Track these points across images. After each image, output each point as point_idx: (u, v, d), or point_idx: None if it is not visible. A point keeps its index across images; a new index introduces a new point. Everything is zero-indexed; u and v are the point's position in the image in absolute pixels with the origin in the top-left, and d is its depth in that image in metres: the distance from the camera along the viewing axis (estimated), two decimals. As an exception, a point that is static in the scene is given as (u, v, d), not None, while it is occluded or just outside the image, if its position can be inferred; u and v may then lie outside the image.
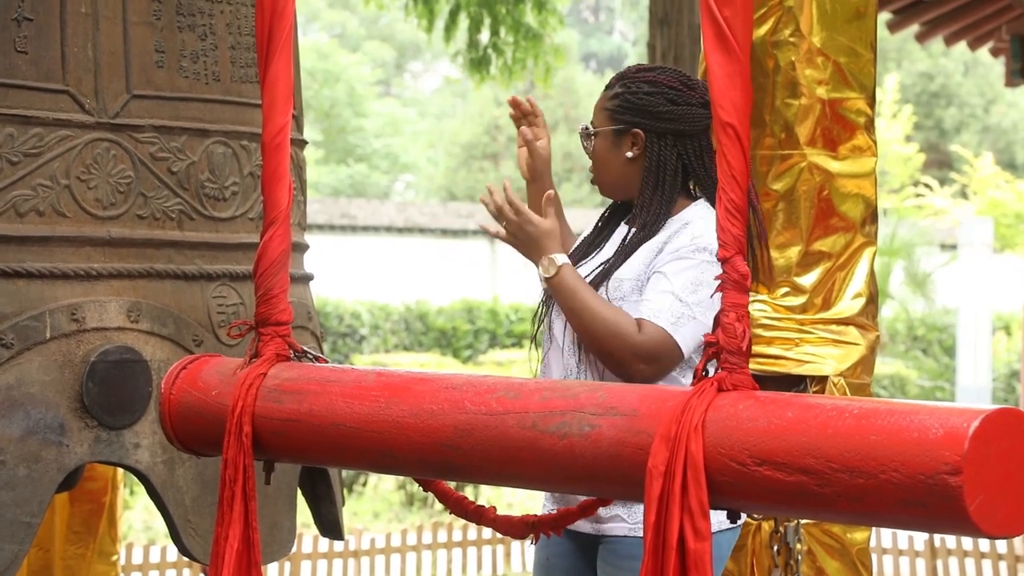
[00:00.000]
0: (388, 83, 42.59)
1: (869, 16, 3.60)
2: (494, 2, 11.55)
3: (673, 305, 3.33)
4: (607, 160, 3.53)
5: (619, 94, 3.50)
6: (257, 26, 2.93)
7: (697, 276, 3.34)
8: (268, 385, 2.81)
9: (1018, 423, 2.03)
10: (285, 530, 3.71)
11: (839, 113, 3.56)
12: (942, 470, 1.97)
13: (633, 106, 3.48)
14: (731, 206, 2.38)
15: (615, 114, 3.50)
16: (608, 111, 3.52)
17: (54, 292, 3.38)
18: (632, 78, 3.51)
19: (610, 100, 3.52)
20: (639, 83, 3.49)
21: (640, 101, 3.47)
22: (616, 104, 3.51)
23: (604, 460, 2.35)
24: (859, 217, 3.61)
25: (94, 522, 4.79)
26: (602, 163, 3.55)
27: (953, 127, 36.89)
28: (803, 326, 3.57)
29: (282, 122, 2.91)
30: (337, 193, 33.70)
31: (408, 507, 12.51)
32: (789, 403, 2.19)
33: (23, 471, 3.29)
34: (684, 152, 3.47)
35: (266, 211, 2.92)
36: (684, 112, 3.45)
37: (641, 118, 3.47)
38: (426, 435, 2.57)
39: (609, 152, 3.53)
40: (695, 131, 3.46)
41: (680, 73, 3.53)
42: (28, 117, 3.38)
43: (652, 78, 3.49)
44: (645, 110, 3.47)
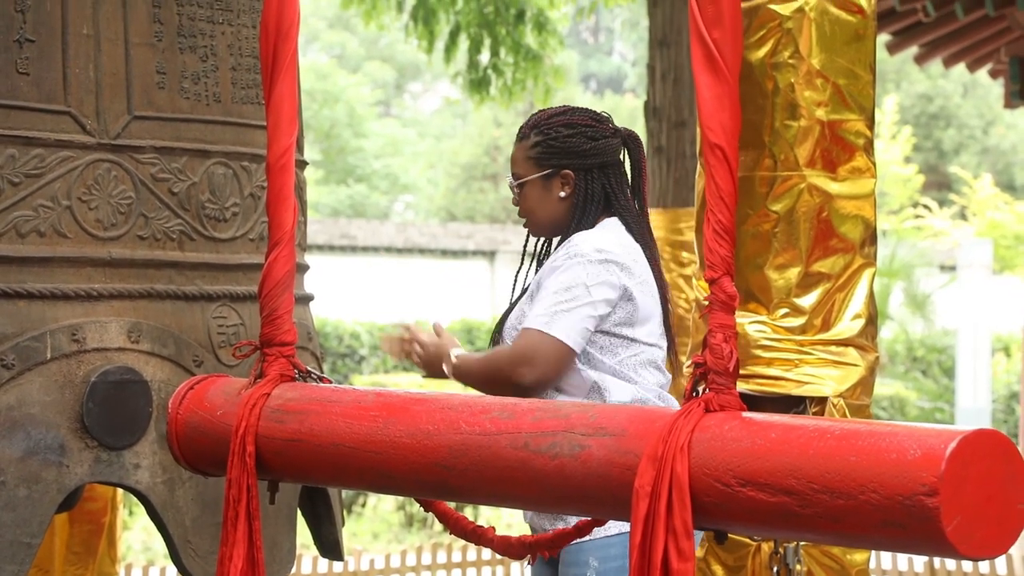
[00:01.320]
0: (388, 104, 42.61)
1: (868, 38, 3.61)
2: (494, 23, 11.57)
3: (546, 307, 3.54)
4: (541, 204, 3.73)
5: (540, 141, 3.71)
6: (261, 48, 2.95)
7: (568, 278, 3.56)
8: (271, 405, 2.82)
9: (996, 444, 2.03)
10: (285, 550, 3.71)
11: (838, 134, 3.57)
12: (919, 491, 1.98)
13: (557, 150, 3.71)
14: (719, 227, 2.39)
15: (541, 160, 3.71)
16: (533, 159, 3.72)
17: (55, 312, 3.38)
18: (548, 124, 3.73)
19: (532, 148, 3.72)
20: (556, 127, 3.72)
21: (563, 144, 3.70)
22: (539, 151, 3.71)
23: (593, 480, 2.36)
24: (858, 238, 3.61)
25: (94, 542, 4.79)
26: (536, 207, 3.73)
27: (952, 148, 36.89)
28: (802, 347, 3.57)
29: (287, 143, 2.92)
30: (337, 213, 33.70)
31: (407, 528, 12.49)
32: (773, 424, 2.20)
33: (23, 491, 3.29)
34: (607, 182, 3.73)
35: (271, 232, 2.93)
36: (603, 145, 3.73)
37: (567, 159, 3.71)
38: (422, 455, 2.58)
39: (541, 197, 3.73)
40: (613, 160, 3.74)
41: (587, 110, 3.79)
42: (30, 138, 3.39)
43: (567, 120, 3.73)
44: (570, 151, 3.71)
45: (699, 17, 2.42)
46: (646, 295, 3.66)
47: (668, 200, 8.61)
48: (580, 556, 3.57)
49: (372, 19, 11.82)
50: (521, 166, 3.74)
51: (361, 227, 26.82)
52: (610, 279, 3.58)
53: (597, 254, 3.59)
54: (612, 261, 3.59)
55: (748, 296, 3.56)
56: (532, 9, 11.70)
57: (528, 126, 3.76)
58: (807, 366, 3.56)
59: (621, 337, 3.62)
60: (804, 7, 3.54)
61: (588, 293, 3.54)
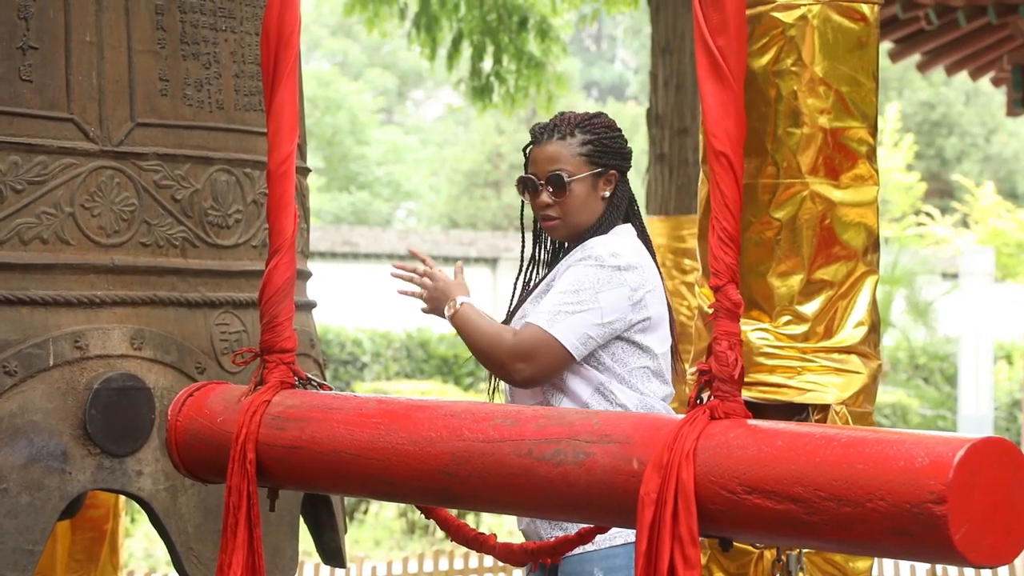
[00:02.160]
0: (390, 111, 42.63)
1: (871, 46, 3.60)
2: (497, 30, 11.58)
3: (552, 306, 3.56)
4: (585, 203, 3.73)
5: (591, 140, 3.73)
6: (263, 55, 2.95)
7: (579, 278, 3.59)
8: (272, 412, 2.82)
9: (1004, 452, 2.03)
10: (287, 557, 3.71)
11: (841, 142, 3.57)
12: (927, 499, 1.97)
13: (608, 149, 3.74)
14: (724, 235, 2.39)
15: (592, 158, 3.73)
16: (584, 156, 3.72)
17: (57, 320, 3.39)
18: (591, 124, 3.76)
19: (583, 146, 3.73)
20: (601, 128, 3.76)
21: (613, 144, 3.75)
22: (591, 149, 3.73)
23: (598, 487, 2.36)
24: (861, 246, 3.61)
25: (96, 550, 4.79)
26: (580, 206, 3.72)
27: (954, 156, 36.88)
28: (805, 354, 3.56)
29: (288, 150, 2.92)
30: (339, 221, 33.71)
31: (409, 535, 12.48)
32: (779, 432, 2.19)
33: (26, 499, 3.29)
34: (628, 187, 3.81)
35: (271, 239, 2.93)
36: (630, 151, 3.82)
37: (615, 160, 3.75)
38: (424, 462, 2.58)
39: (588, 196, 3.73)
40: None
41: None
42: (33, 145, 3.40)
43: (609, 123, 3.79)
44: (617, 152, 3.76)
45: (704, 24, 2.42)
46: (657, 301, 3.68)
47: (670, 207, 8.61)
48: (584, 566, 3.57)
49: (375, 26, 11.82)
50: (569, 163, 3.72)
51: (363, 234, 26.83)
52: (621, 287, 3.59)
53: (612, 259, 3.61)
54: (626, 268, 3.62)
55: (751, 304, 3.55)
56: (535, 16, 11.70)
57: (568, 124, 3.75)
58: (810, 373, 3.56)
59: (634, 344, 3.63)
60: (807, 15, 3.54)
61: (596, 299, 3.55)
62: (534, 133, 3.81)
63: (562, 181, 3.69)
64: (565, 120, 3.76)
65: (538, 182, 3.73)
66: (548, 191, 3.71)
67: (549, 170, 3.71)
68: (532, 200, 3.76)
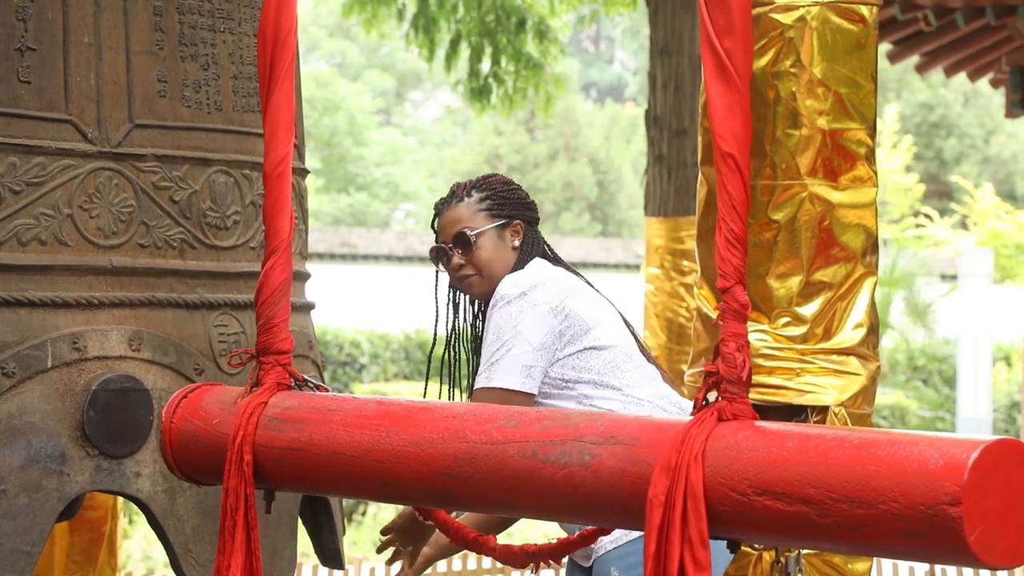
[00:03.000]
0: (388, 112, 42.62)
1: (869, 47, 3.60)
2: (495, 31, 11.57)
3: (484, 363, 3.69)
4: (496, 254, 3.84)
5: (488, 195, 3.86)
6: (259, 56, 2.95)
7: (495, 323, 3.68)
8: (269, 414, 2.81)
9: (1018, 454, 2.03)
10: (286, 559, 3.71)
11: (840, 143, 3.57)
12: (942, 500, 1.97)
13: (508, 200, 3.87)
14: (731, 236, 2.38)
15: (493, 211, 3.84)
16: (485, 211, 3.84)
17: (56, 321, 3.38)
18: (486, 183, 3.90)
19: (482, 202, 3.85)
20: (494, 185, 3.89)
21: (511, 196, 3.88)
22: (491, 203, 3.85)
23: (604, 489, 2.35)
24: (860, 247, 3.61)
25: (94, 551, 4.78)
26: (492, 258, 3.83)
27: (953, 158, 36.89)
28: (804, 356, 3.56)
29: (284, 151, 2.92)
30: (337, 222, 33.71)
31: (408, 537, 12.46)
32: (789, 433, 2.19)
33: (24, 500, 3.29)
34: (538, 236, 3.91)
35: (267, 240, 2.92)
36: (533, 203, 3.94)
37: (516, 210, 3.87)
38: (426, 464, 2.57)
39: (496, 247, 3.83)
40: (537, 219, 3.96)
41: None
42: (31, 146, 3.39)
43: (503, 179, 3.95)
44: (517, 202, 3.88)
45: (710, 26, 2.42)
46: (581, 301, 3.71)
47: (669, 209, 8.62)
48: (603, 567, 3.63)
49: (373, 27, 11.82)
50: (471, 220, 3.84)
51: (362, 235, 26.85)
52: (534, 308, 3.67)
53: (515, 288, 3.71)
54: (530, 289, 3.70)
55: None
56: (533, 17, 11.71)
57: (463, 188, 3.90)
58: (808, 375, 3.56)
59: (586, 349, 3.67)
60: (806, 16, 3.54)
61: (516, 332, 3.64)
62: (436, 207, 3.93)
63: (466, 238, 3.81)
64: (461, 186, 3.91)
65: (447, 247, 3.85)
66: (458, 252, 3.84)
67: (453, 232, 3.85)
68: (447, 268, 3.89)
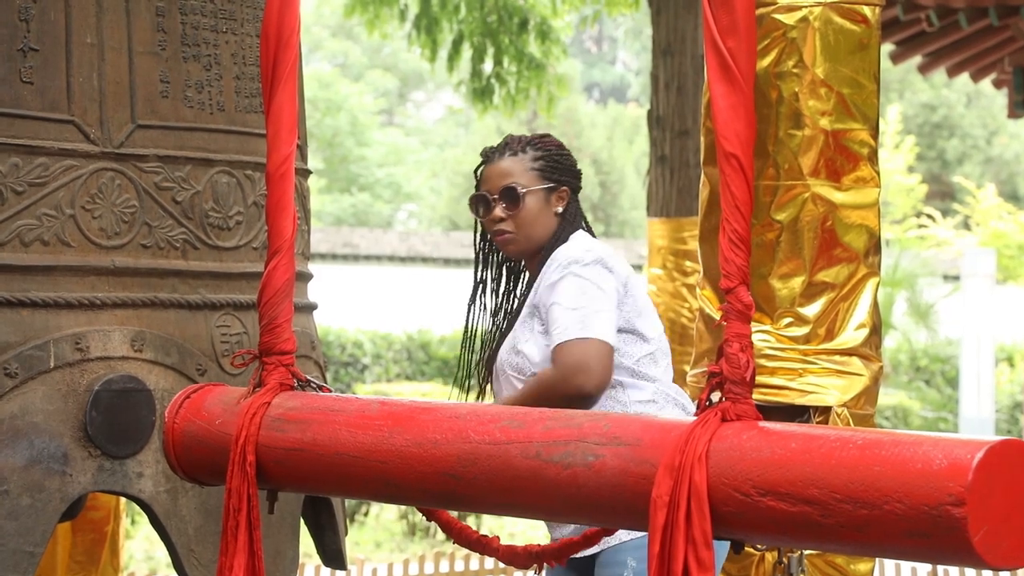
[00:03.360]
0: (391, 112, 42.64)
1: (872, 47, 3.60)
2: (497, 32, 11.57)
3: (571, 317, 3.55)
4: (538, 217, 3.78)
5: (542, 156, 3.79)
6: (262, 56, 2.95)
7: (576, 284, 3.60)
8: (272, 414, 2.81)
9: (1022, 454, 2.02)
10: (288, 559, 3.71)
11: (842, 144, 3.56)
12: (946, 501, 1.97)
13: (560, 166, 3.81)
14: (735, 236, 2.38)
15: (545, 173, 3.79)
16: (537, 171, 3.78)
17: (58, 321, 3.38)
18: (542, 143, 3.84)
19: (535, 162, 3.79)
20: (551, 147, 3.83)
21: (564, 161, 3.82)
22: (543, 165, 3.79)
23: (608, 490, 2.35)
24: (862, 248, 3.60)
25: (96, 552, 4.79)
26: (533, 220, 3.77)
27: (956, 158, 36.88)
28: (806, 356, 3.56)
29: (287, 152, 2.92)
30: (340, 222, 33.72)
31: (410, 537, 12.48)
32: (793, 433, 2.19)
33: (26, 500, 3.29)
34: (579, 206, 3.86)
35: (270, 240, 2.92)
36: (580, 172, 3.89)
37: (566, 176, 3.82)
38: (429, 464, 2.57)
39: (541, 210, 3.78)
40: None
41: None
42: (33, 147, 3.39)
43: (557, 142, 3.87)
44: (568, 169, 3.83)
45: (714, 26, 2.42)
46: (638, 286, 3.74)
47: (671, 209, 8.61)
48: (619, 556, 3.61)
49: (375, 28, 11.82)
50: (522, 177, 3.78)
51: (364, 236, 26.85)
52: (609, 276, 3.65)
53: (589, 254, 3.67)
54: (605, 257, 3.69)
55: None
56: (535, 18, 11.70)
57: (518, 143, 3.83)
58: (811, 376, 3.55)
59: (633, 333, 3.69)
60: (808, 16, 3.54)
61: (602, 291, 3.61)
62: (485, 154, 3.87)
63: (516, 193, 3.76)
64: (516, 139, 3.85)
65: (491, 197, 3.79)
66: (501, 205, 3.78)
67: (502, 184, 3.78)
68: (485, 217, 3.83)
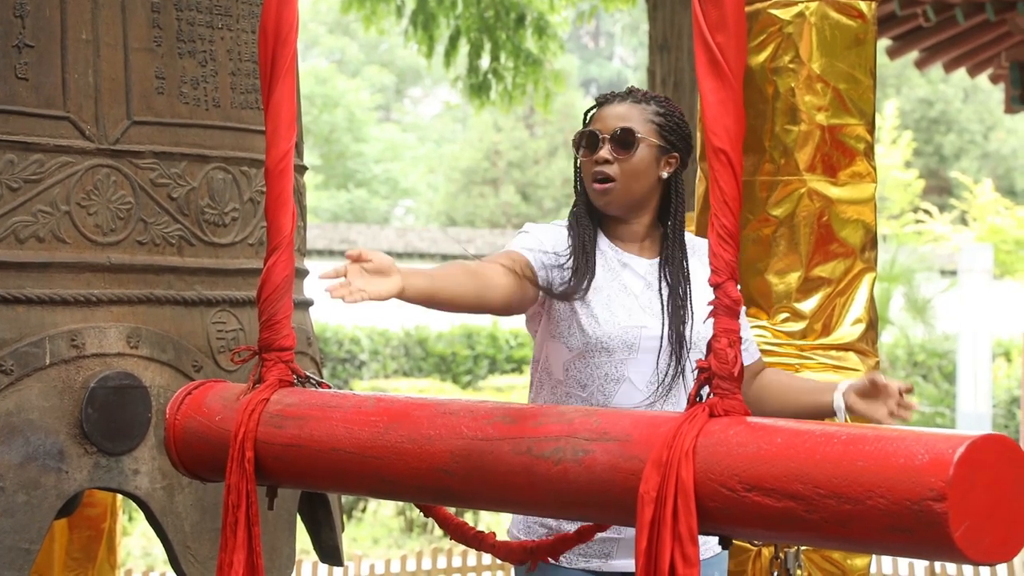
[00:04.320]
0: (388, 108, 42.63)
1: (868, 43, 3.61)
2: (494, 28, 11.58)
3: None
4: (644, 173, 3.39)
5: (665, 113, 3.42)
6: (260, 53, 2.94)
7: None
8: (270, 411, 2.81)
9: (1005, 449, 2.03)
10: (284, 556, 3.71)
11: (839, 139, 3.57)
12: (927, 496, 1.97)
13: (679, 131, 3.42)
14: (723, 232, 2.38)
15: (663, 131, 3.40)
16: (657, 125, 3.40)
17: (54, 318, 3.38)
18: (667, 104, 3.45)
19: (657, 116, 3.41)
20: (673, 109, 3.44)
21: (684, 128, 3.42)
22: (664, 122, 3.41)
23: (597, 485, 2.36)
24: (859, 243, 3.61)
25: (93, 548, 4.78)
26: (639, 174, 3.39)
27: (953, 153, 36.90)
28: (803, 352, 3.57)
29: (286, 148, 2.92)
30: (337, 218, 33.71)
31: (408, 533, 12.48)
32: (779, 429, 2.19)
33: (22, 497, 3.29)
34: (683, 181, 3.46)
35: (269, 237, 2.92)
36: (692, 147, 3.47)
37: (680, 143, 3.42)
38: (423, 460, 2.58)
39: (649, 167, 3.39)
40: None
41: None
42: (28, 143, 3.39)
43: (680, 109, 3.46)
44: (686, 139, 3.42)
45: (703, 21, 2.41)
46: None
47: (668, 205, 8.61)
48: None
49: (372, 24, 11.83)
50: (640, 126, 3.39)
51: (361, 232, 26.85)
52: None
53: None
54: None
55: (749, 301, 3.55)
56: (532, 13, 11.71)
57: (642, 94, 3.45)
58: (808, 371, 3.56)
59: None
60: (804, 12, 3.54)
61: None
62: (603, 97, 3.48)
63: (632, 137, 3.36)
64: (639, 90, 3.47)
65: (601, 136, 3.39)
66: (611, 146, 3.38)
67: (617, 126, 3.38)
68: (590, 157, 3.41)
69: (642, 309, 3.37)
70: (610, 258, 3.43)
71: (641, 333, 3.33)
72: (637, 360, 3.34)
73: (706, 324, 3.28)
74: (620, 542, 3.36)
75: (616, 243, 3.44)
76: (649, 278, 3.40)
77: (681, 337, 3.33)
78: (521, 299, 3.22)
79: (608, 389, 3.33)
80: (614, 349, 3.33)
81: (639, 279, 3.40)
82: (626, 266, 3.42)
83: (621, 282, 3.40)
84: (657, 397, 3.32)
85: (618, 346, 3.33)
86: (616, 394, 3.33)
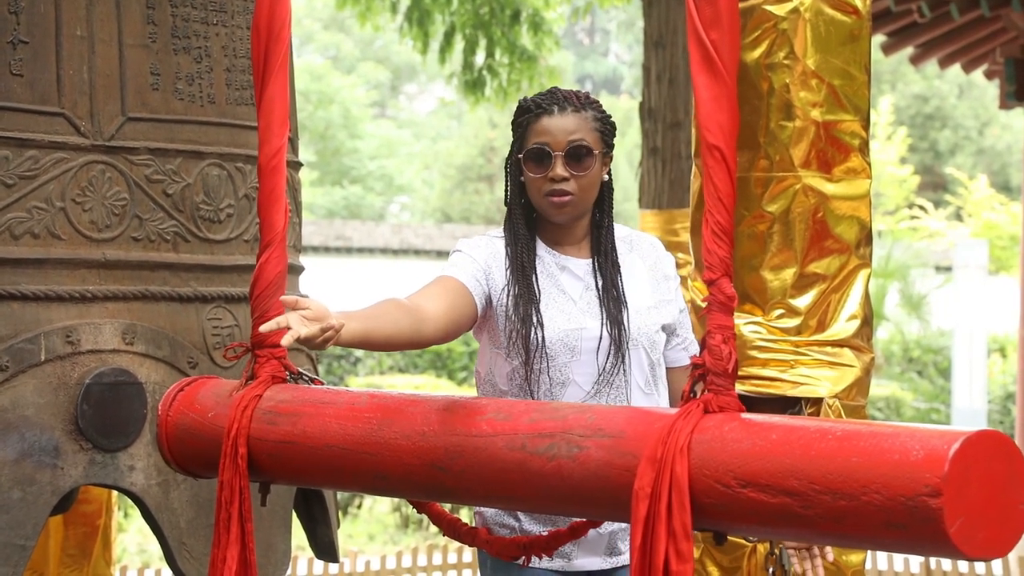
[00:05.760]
0: (383, 105, 42.61)
1: (863, 38, 3.60)
2: (489, 24, 11.57)
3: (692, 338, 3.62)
4: (597, 181, 3.45)
5: (601, 117, 3.45)
6: (253, 49, 2.95)
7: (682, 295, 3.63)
8: (263, 407, 2.81)
9: (999, 445, 2.03)
10: (280, 552, 3.71)
11: (833, 135, 3.56)
12: (922, 492, 1.97)
13: (612, 129, 3.48)
14: (717, 228, 2.39)
15: (604, 136, 3.46)
16: (599, 132, 3.44)
17: (49, 314, 3.38)
18: (597, 103, 3.48)
19: (596, 121, 3.43)
20: (602, 108, 3.48)
21: (613, 126, 3.49)
22: (602, 126, 3.45)
23: (592, 481, 2.36)
24: (854, 239, 3.60)
25: (88, 545, 4.78)
26: (593, 184, 3.43)
27: (948, 149, 36.91)
28: (798, 348, 3.56)
29: (278, 144, 2.92)
30: (332, 215, 33.68)
31: (403, 529, 12.48)
32: (774, 425, 2.19)
33: (17, 494, 3.29)
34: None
35: (262, 233, 2.92)
36: None
37: (612, 142, 3.50)
38: (417, 457, 2.58)
39: (599, 173, 3.45)
40: None
41: None
42: (23, 140, 3.39)
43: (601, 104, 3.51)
44: (614, 135, 3.50)
45: (697, 18, 2.41)
46: None
47: (663, 201, 8.61)
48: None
49: (367, 20, 11.82)
50: (588, 136, 3.40)
51: (356, 228, 26.83)
52: None
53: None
54: None
55: (744, 297, 3.55)
56: (527, 10, 11.70)
57: (579, 99, 3.43)
58: (803, 367, 3.56)
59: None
60: (799, 8, 3.53)
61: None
62: (540, 105, 3.41)
63: (586, 152, 3.38)
64: (576, 95, 3.44)
65: (554, 153, 3.36)
66: (565, 162, 3.36)
67: (571, 140, 3.36)
68: (545, 176, 3.38)
69: (581, 312, 3.43)
70: (548, 263, 3.48)
71: (581, 335, 3.41)
72: (580, 361, 3.41)
73: (645, 314, 3.40)
74: (581, 543, 3.40)
75: (554, 248, 3.50)
76: (587, 279, 3.48)
77: (620, 332, 3.41)
78: (457, 326, 3.25)
79: (554, 392, 3.40)
80: (556, 354, 3.39)
81: (578, 281, 3.47)
82: (564, 269, 3.48)
83: (559, 287, 3.46)
84: (599, 390, 3.40)
85: (560, 351, 3.39)
86: (563, 397, 3.40)
